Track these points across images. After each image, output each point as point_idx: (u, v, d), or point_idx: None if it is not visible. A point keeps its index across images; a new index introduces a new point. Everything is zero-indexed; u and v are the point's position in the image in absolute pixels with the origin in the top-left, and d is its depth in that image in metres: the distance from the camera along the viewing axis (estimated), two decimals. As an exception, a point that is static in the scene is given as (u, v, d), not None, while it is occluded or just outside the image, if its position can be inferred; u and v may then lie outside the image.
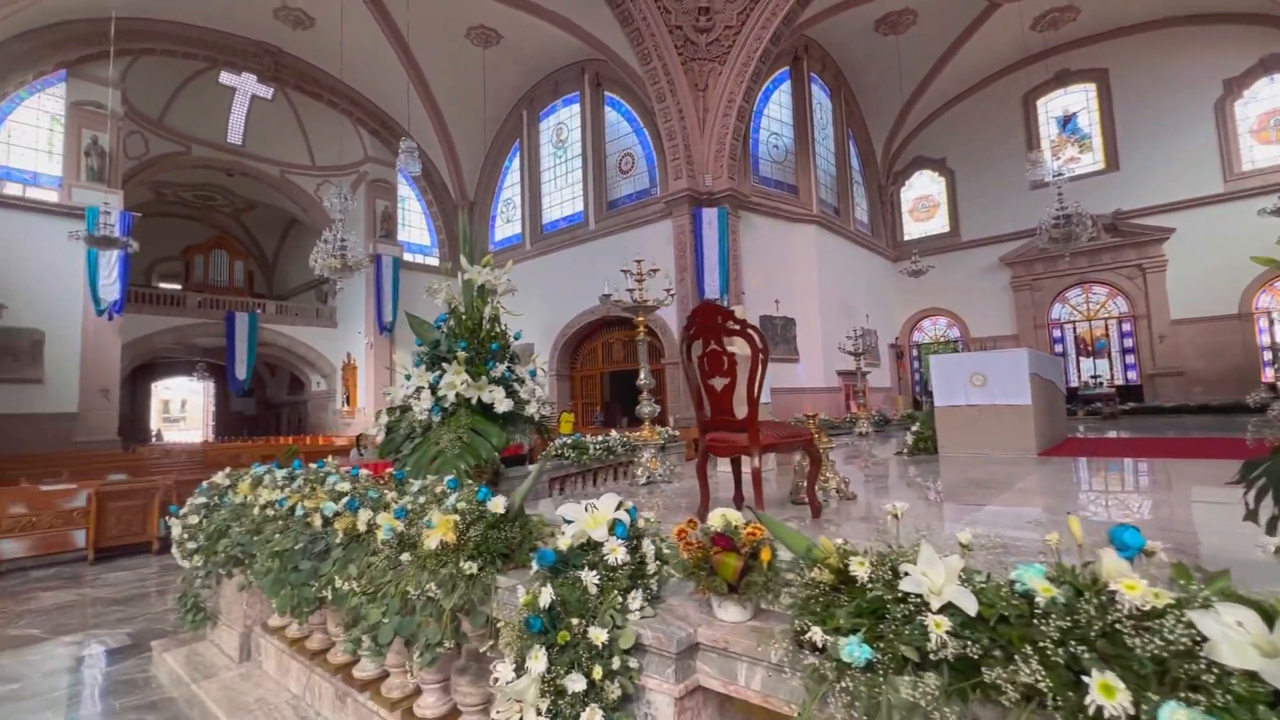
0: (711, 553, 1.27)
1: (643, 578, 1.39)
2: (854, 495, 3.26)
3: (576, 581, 1.31)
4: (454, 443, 2.67)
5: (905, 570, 1.00)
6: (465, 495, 1.74)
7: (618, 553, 1.34)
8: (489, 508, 1.69)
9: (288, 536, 2.29)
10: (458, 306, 3.15)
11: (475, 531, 1.65)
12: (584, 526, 1.38)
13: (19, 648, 3.64)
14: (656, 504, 3.59)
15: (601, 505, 1.42)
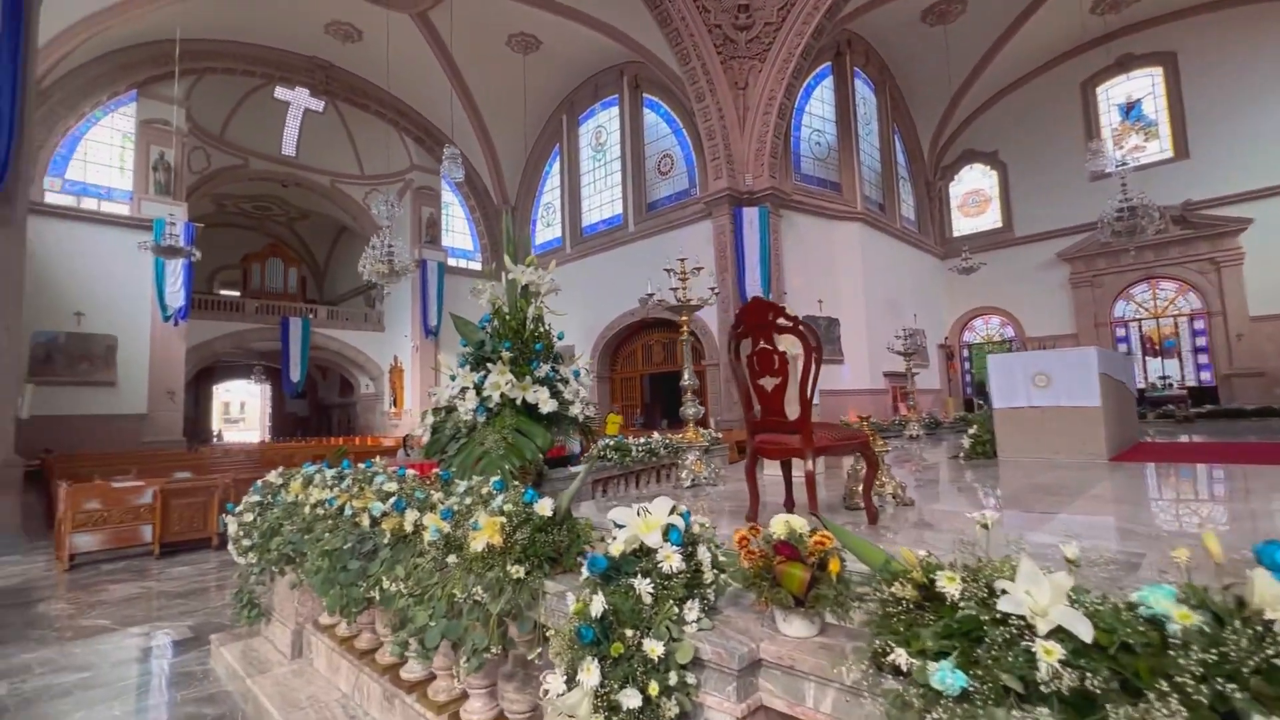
0: (775, 562, 1.18)
1: (699, 587, 1.30)
2: (911, 501, 3.10)
3: (629, 590, 1.24)
4: (499, 443, 2.64)
5: (1003, 588, 0.88)
6: (512, 497, 1.70)
7: (672, 560, 1.26)
8: (536, 510, 1.64)
9: (337, 536, 2.30)
10: (501, 307, 3.13)
11: (522, 534, 1.60)
12: (636, 531, 1.30)
13: (90, 637, 3.80)
14: (702, 507, 3.49)
15: (654, 509, 1.34)
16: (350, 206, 24.27)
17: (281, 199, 25.52)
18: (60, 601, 4.63)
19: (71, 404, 16.16)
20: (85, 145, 17.61)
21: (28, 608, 4.49)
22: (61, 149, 17.12)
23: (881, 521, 2.72)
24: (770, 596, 1.18)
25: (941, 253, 23.81)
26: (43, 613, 4.34)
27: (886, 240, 20.14)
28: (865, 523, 2.74)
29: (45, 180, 16.63)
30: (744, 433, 9.03)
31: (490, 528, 1.62)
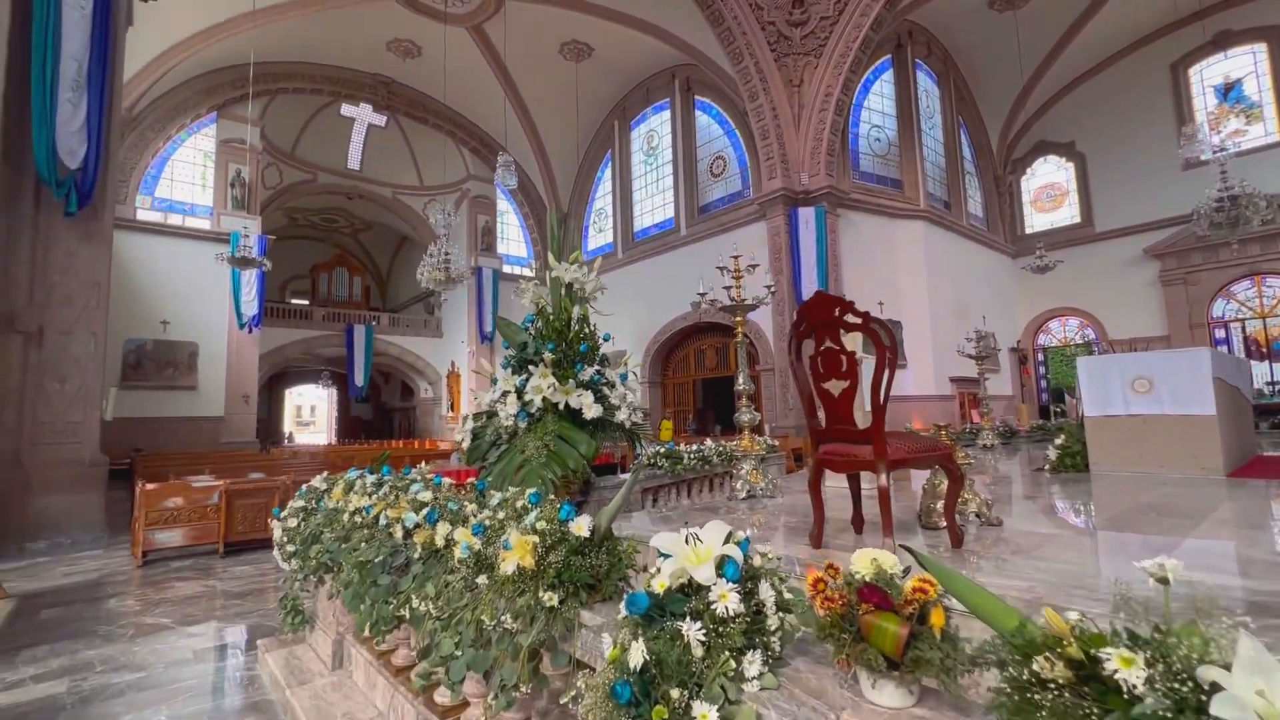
0: (861, 613, 0.94)
1: (761, 634, 1.07)
2: (999, 521, 2.75)
3: (676, 636, 1.02)
4: (540, 451, 2.48)
5: (1213, 679, 0.62)
6: (546, 513, 1.52)
7: (728, 600, 1.04)
8: (571, 529, 1.45)
9: (371, 547, 2.19)
10: (545, 307, 2.98)
11: (556, 556, 1.42)
12: (684, 563, 1.09)
13: (151, 635, 3.88)
14: (758, 521, 3.24)
15: (706, 536, 1.12)
16: (410, 217, 25.10)
17: (347, 211, 26.66)
18: (130, 598, 4.80)
19: (158, 406, 17.28)
20: (172, 165, 18.87)
21: (100, 603, 4.67)
22: (151, 169, 18.40)
23: (966, 544, 2.40)
24: (854, 654, 0.94)
25: (1013, 251, 22.51)
26: (112, 609, 4.50)
27: (952, 239, 19.16)
28: (945, 545, 2.43)
29: (137, 199, 17.91)
30: (801, 441, 8.48)
31: (521, 548, 1.44)
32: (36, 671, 3.30)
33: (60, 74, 7.03)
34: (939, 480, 2.67)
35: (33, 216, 7.20)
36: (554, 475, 2.43)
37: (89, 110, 7.39)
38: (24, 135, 6.94)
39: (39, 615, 4.33)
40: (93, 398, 7.63)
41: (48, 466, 7.20)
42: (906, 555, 1.05)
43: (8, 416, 7.02)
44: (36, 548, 6.91)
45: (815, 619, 1.01)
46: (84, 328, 7.55)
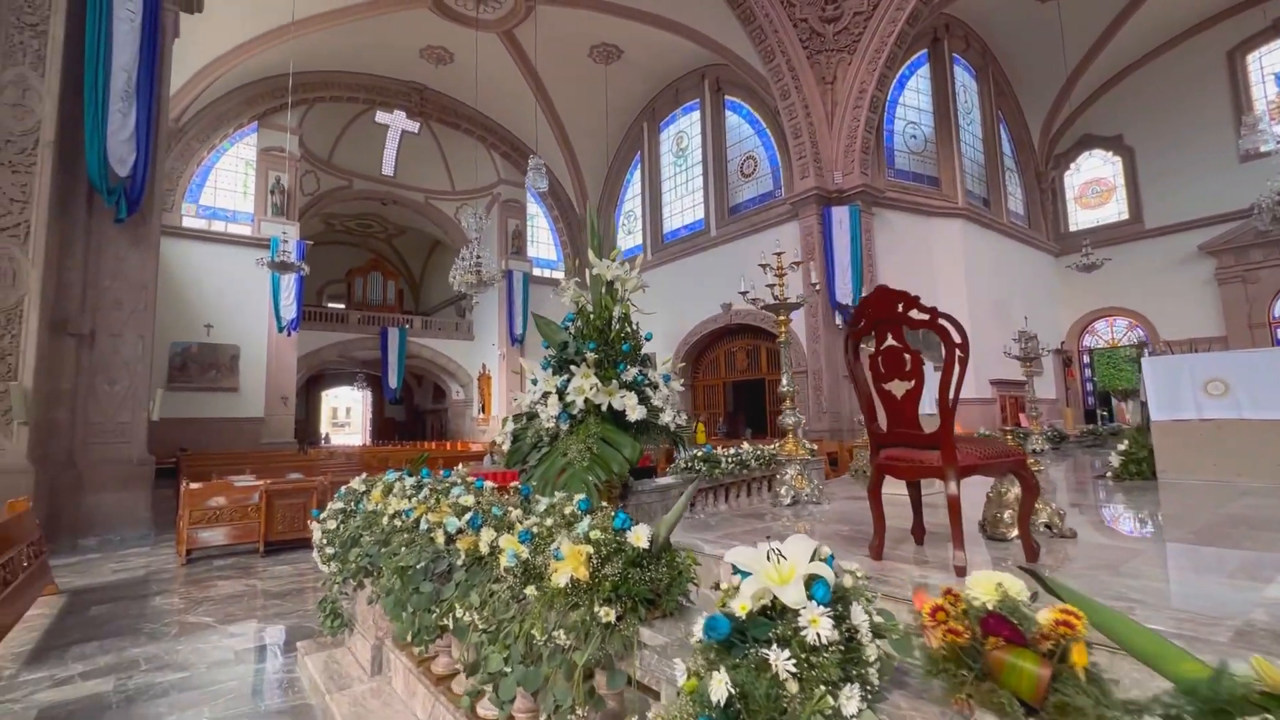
0: (990, 648, 0.81)
1: (858, 664, 0.94)
2: (1072, 533, 2.56)
3: (763, 666, 0.90)
4: (583, 454, 2.39)
5: None
6: (600, 522, 1.42)
7: (820, 626, 0.92)
8: (629, 540, 1.35)
9: (411, 552, 2.12)
10: (585, 305, 2.90)
11: (612, 568, 1.32)
12: (766, 583, 0.98)
13: (194, 634, 3.91)
14: (807, 530, 3.09)
15: (790, 551, 1.00)
16: (443, 221, 25.46)
17: (381, 216, 27.18)
18: (174, 596, 4.87)
19: (201, 407, 17.82)
20: (215, 174, 19.48)
21: (146, 600, 4.75)
22: (196, 178, 19.02)
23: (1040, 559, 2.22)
24: (976, 694, 0.81)
25: (1056, 249, 21.76)
26: (158, 606, 4.57)
27: (992, 237, 18.60)
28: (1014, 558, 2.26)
29: (183, 206, 18.53)
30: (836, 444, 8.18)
31: (574, 558, 1.35)
32: (85, 669, 3.34)
33: (111, 84, 7.25)
34: (1005, 488, 2.49)
35: (85, 222, 7.45)
36: (597, 479, 2.34)
37: (138, 120, 7.62)
38: (76, 144, 7.18)
39: (89, 611, 4.42)
40: (141, 399, 7.85)
41: (98, 465, 7.42)
42: (1020, 574, 0.92)
43: (62, 416, 7.26)
44: (88, 544, 7.12)
45: (925, 651, 0.88)
46: (133, 330, 7.78)
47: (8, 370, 6.39)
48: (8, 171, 6.53)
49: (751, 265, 4.41)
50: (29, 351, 6.50)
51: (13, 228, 6.50)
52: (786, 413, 3.62)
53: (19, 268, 6.50)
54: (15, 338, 6.45)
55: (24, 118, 6.65)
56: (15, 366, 6.43)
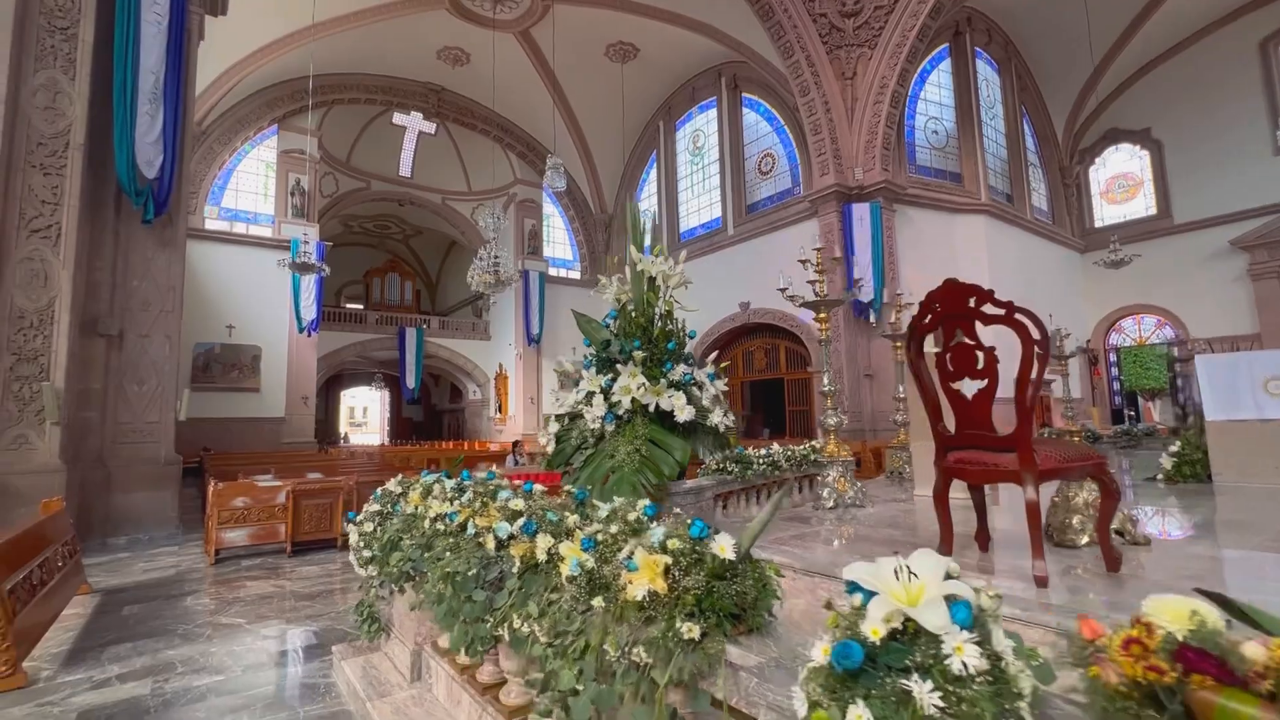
0: (1195, 687, 0.71)
1: (1009, 698, 0.84)
2: (1146, 539, 2.43)
3: (903, 700, 0.81)
4: (631, 456, 2.30)
5: None
6: (676, 530, 1.34)
7: (966, 654, 0.81)
8: (713, 550, 1.26)
9: (459, 557, 2.05)
10: (628, 303, 2.81)
11: (693, 580, 1.23)
12: (897, 604, 0.88)
13: (227, 636, 3.89)
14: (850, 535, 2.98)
15: (920, 567, 0.90)
16: (459, 222, 25.55)
17: (399, 217, 27.34)
18: (205, 596, 4.87)
19: (224, 407, 18.01)
20: (236, 176, 19.70)
21: (178, 600, 4.75)
22: (218, 180, 19.25)
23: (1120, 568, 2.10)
24: (1171, 740, 0.71)
25: (1081, 246, 21.35)
26: (190, 607, 4.57)
27: (1015, 233, 18.29)
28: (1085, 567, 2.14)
29: (205, 209, 18.75)
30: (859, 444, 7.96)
31: (650, 569, 1.26)
32: (121, 670, 3.33)
33: (139, 87, 7.31)
34: (1073, 492, 2.37)
35: (113, 224, 7.52)
36: (647, 482, 2.25)
37: (164, 122, 7.67)
38: (105, 147, 7.24)
39: (121, 611, 4.42)
40: (168, 399, 7.91)
41: (127, 465, 7.49)
42: (1203, 602, 0.81)
43: (92, 416, 7.33)
44: (117, 543, 7.18)
45: (1096, 686, 0.78)
46: (160, 331, 7.84)
47: (40, 371, 6.46)
48: (39, 174, 6.60)
49: (770, 263, 4.31)
50: (60, 352, 6.56)
51: (44, 229, 6.56)
52: (828, 413, 3.51)
53: (50, 269, 6.57)
54: (47, 338, 6.51)
55: (55, 120, 6.71)
56: (48, 367, 6.50)
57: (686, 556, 1.27)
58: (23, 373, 6.39)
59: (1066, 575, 2.06)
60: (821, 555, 2.50)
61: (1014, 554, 2.27)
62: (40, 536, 3.85)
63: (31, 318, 6.49)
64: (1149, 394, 20.16)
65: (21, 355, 6.41)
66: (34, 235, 6.52)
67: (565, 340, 24.31)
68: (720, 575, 1.24)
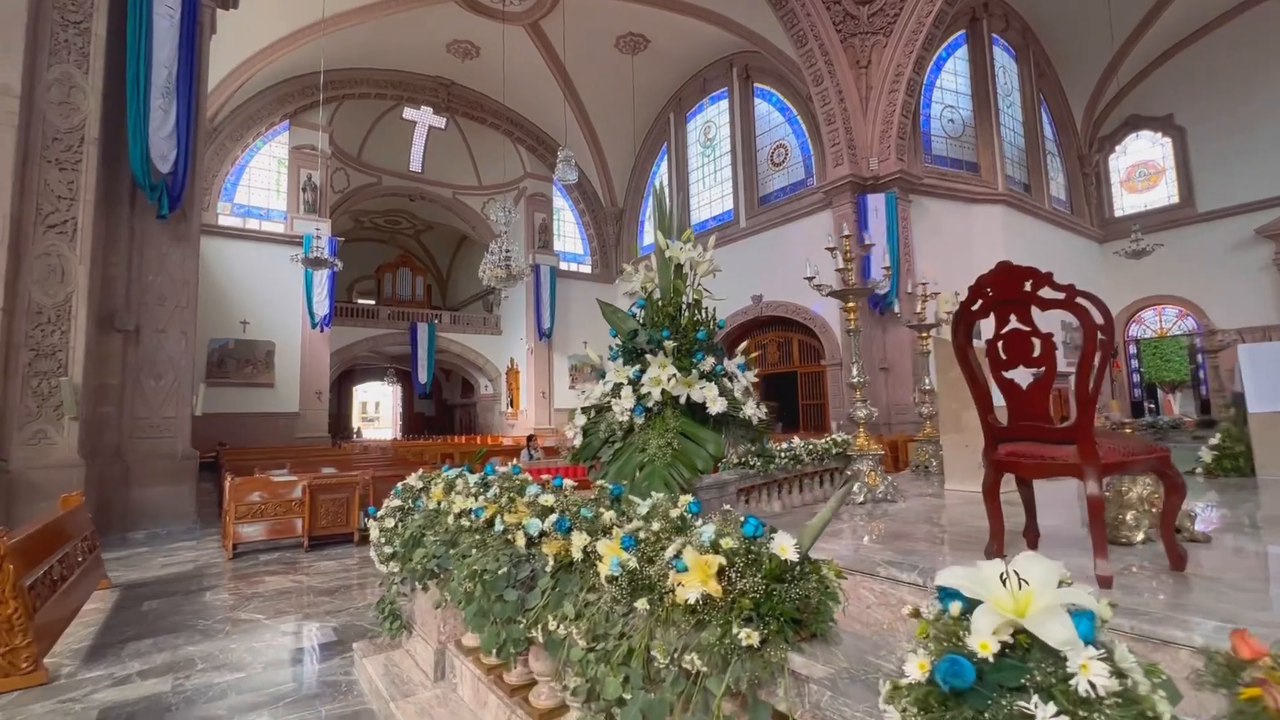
0: None
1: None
2: (1205, 536, 2.31)
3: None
4: (664, 449, 2.21)
5: None
6: (728, 528, 1.25)
7: (1092, 672, 0.71)
8: (772, 549, 1.17)
9: (486, 555, 1.97)
10: (654, 291, 2.72)
11: (749, 583, 1.14)
12: (1006, 614, 0.78)
13: (246, 632, 3.86)
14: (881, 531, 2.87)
15: (1030, 573, 0.80)
16: (470, 216, 25.52)
17: (410, 213, 27.36)
18: (224, 591, 4.85)
19: (239, 402, 18.13)
20: (249, 172, 19.76)
21: (197, 595, 4.74)
22: (231, 177, 19.31)
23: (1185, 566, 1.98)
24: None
25: (1100, 236, 20.99)
26: (209, 602, 4.55)
27: (1034, 224, 18.00)
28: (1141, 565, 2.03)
29: (218, 205, 18.83)
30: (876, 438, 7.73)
31: (702, 570, 1.17)
32: (142, 667, 3.30)
33: (152, 81, 7.28)
34: (1126, 486, 2.25)
35: (128, 220, 7.51)
36: (680, 477, 2.16)
37: (178, 116, 7.65)
38: (119, 142, 7.23)
39: (140, 606, 4.41)
40: (184, 394, 7.92)
41: (144, 460, 7.51)
42: None
43: (109, 411, 7.35)
44: (136, 537, 7.21)
45: (1258, 713, 0.68)
46: (176, 326, 7.84)
47: (58, 366, 6.47)
48: (55, 169, 6.59)
49: (783, 256, 4.19)
50: (78, 347, 6.57)
51: (61, 224, 6.56)
52: (858, 406, 3.40)
53: (67, 264, 6.57)
54: (65, 334, 6.52)
55: (70, 115, 6.70)
56: (65, 362, 6.51)
57: (742, 557, 1.18)
58: (41, 368, 6.41)
59: (1125, 574, 1.95)
60: (861, 553, 2.40)
61: (1066, 552, 2.16)
62: (59, 532, 3.83)
63: (49, 313, 6.49)
64: (1169, 386, 19.81)
65: (40, 351, 6.42)
66: (50, 231, 6.52)
67: (576, 335, 24.25)
68: (779, 577, 1.14)
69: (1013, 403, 1.97)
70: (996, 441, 2.04)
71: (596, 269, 25.75)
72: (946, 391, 3.83)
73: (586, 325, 24.54)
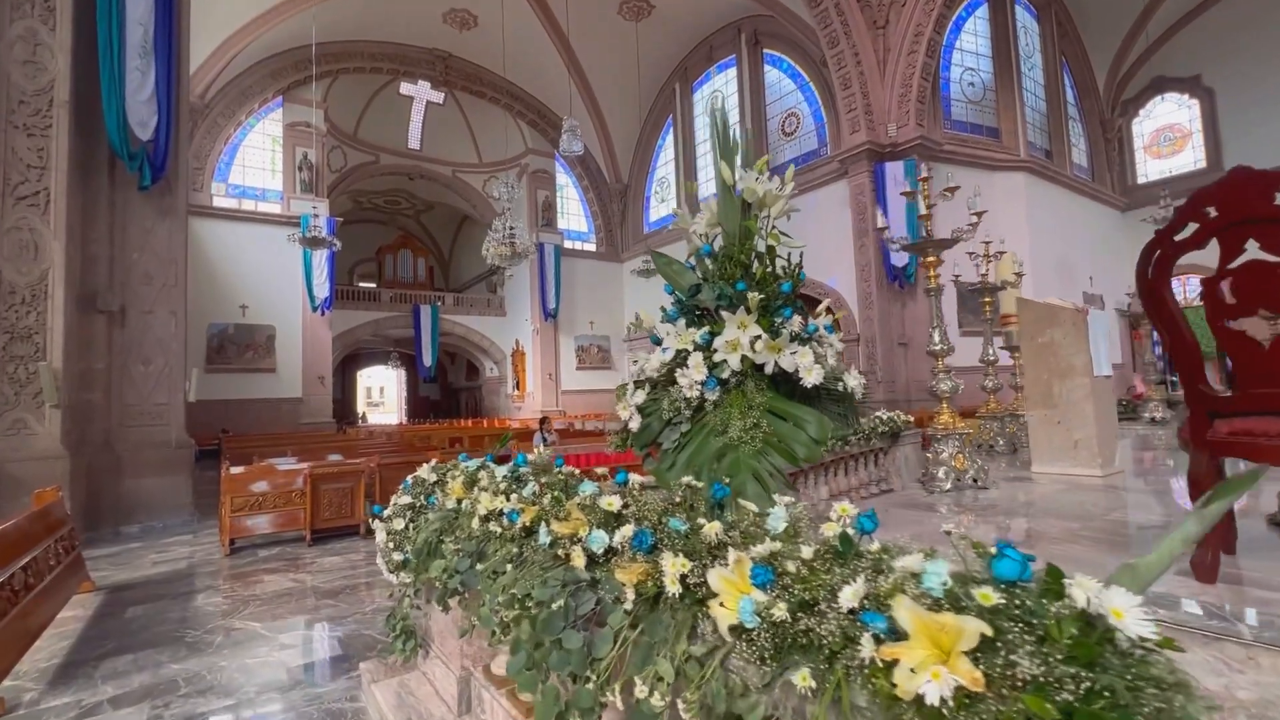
0: None
1: None
2: None
3: None
4: (750, 433, 1.70)
5: None
6: (968, 566, 0.75)
7: None
8: (1075, 604, 0.66)
9: (527, 573, 1.48)
10: (715, 237, 2.20)
11: (1031, 663, 0.64)
12: None
13: (240, 644, 3.41)
14: (1010, 529, 2.38)
15: None
16: (471, 195, 24.81)
17: (409, 192, 26.64)
18: (217, 594, 4.41)
19: (241, 388, 17.70)
20: (243, 151, 19.09)
21: (187, 599, 4.29)
22: (224, 157, 18.65)
23: None
24: None
25: (1123, 204, 20.30)
26: (199, 607, 4.10)
27: (1056, 191, 17.33)
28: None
29: (212, 185, 18.21)
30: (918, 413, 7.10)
31: (942, 638, 0.67)
32: (116, 691, 2.85)
33: (127, 40, 6.68)
34: None
35: (108, 192, 6.96)
36: (774, 470, 1.66)
37: (157, 79, 7.06)
38: (94, 108, 6.65)
39: (125, 613, 3.97)
40: (177, 379, 7.44)
41: (136, 449, 7.06)
42: None
43: (96, 399, 6.88)
44: (130, 531, 6.79)
45: None
46: (164, 307, 7.33)
47: (35, 350, 5.98)
48: (23, 135, 6.04)
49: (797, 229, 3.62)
50: (57, 329, 6.07)
51: (31, 196, 6.02)
52: (940, 378, 2.89)
53: (41, 240, 6.05)
54: (42, 314, 6.02)
55: (36, 75, 6.12)
56: (44, 346, 6.02)
57: (1013, 616, 0.68)
58: (17, 352, 5.92)
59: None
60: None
61: (1273, 558, 1.67)
62: (24, 535, 3.37)
63: (23, 293, 5.99)
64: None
65: (14, 334, 5.93)
66: (20, 203, 5.98)
67: (583, 315, 23.70)
68: (1093, 658, 0.65)
69: (1246, 363, 1.46)
70: (1211, 416, 1.54)
71: (602, 247, 25.12)
72: (1035, 359, 3.32)
73: (593, 305, 23.97)
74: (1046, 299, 3.37)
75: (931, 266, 3.23)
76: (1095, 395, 3.09)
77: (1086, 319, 3.20)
